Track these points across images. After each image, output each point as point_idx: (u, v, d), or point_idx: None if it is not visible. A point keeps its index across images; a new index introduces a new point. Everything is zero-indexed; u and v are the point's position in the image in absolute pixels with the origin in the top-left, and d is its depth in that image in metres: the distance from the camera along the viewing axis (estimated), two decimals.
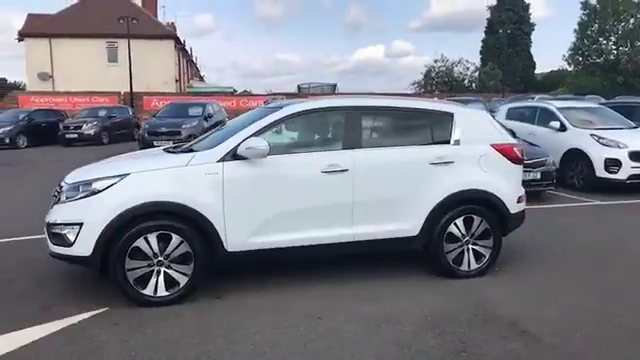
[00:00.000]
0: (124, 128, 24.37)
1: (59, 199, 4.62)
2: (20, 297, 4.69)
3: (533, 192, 9.54)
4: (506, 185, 5.32)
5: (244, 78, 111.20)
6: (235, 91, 41.30)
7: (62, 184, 4.72)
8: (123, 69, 31.30)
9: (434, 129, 5.31)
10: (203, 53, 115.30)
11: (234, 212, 4.57)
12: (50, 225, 4.56)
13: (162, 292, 4.48)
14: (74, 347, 3.72)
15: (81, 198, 4.46)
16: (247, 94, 40.43)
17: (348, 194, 4.83)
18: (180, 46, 39.97)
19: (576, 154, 10.75)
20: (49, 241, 4.60)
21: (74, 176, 4.77)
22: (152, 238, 4.41)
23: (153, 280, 4.46)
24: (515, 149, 5.45)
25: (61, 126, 23.82)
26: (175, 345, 3.75)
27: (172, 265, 4.49)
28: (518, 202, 5.44)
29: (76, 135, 23.10)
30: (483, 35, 53.86)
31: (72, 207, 4.47)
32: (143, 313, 4.31)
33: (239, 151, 4.58)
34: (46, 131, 23.92)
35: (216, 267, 4.75)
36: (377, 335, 3.91)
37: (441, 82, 47.28)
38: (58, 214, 4.53)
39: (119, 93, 32.05)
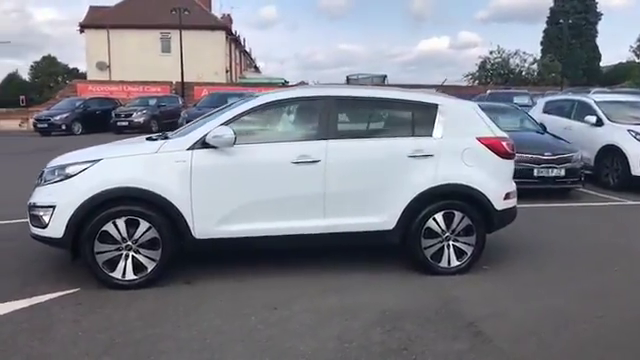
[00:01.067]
0: (173, 117, 25.00)
1: (39, 182, 4.80)
2: (8, 274, 4.90)
3: (558, 189, 9.19)
4: (491, 180, 5.10)
5: (305, 69, 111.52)
6: (286, 82, 41.56)
7: (44, 169, 4.91)
8: (175, 59, 32.19)
9: (416, 121, 5.16)
10: (266, 45, 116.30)
11: (201, 200, 4.61)
12: (30, 207, 4.76)
13: (130, 276, 4.58)
14: (30, 325, 3.87)
15: (56, 182, 4.62)
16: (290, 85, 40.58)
17: (319, 185, 4.77)
18: (232, 37, 40.64)
19: (611, 150, 10.16)
20: (29, 223, 4.79)
21: (55, 161, 4.94)
22: (120, 223, 4.51)
23: (122, 264, 4.57)
24: (503, 143, 5.21)
25: (113, 114, 24.82)
26: (124, 327, 3.84)
27: (140, 250, 4.58)
28: (506, 198, 5.21)
29: (126, 123, 24.05)
30: (545, 25, 51.82)
31: (47, 190, 4.64)
32: (109, 295, 4.43)
33: (207, 139, 4.61)
34: (100, 118, 25.02)
35: (186, 253, 4.82)
36: (324, 328, 3.86)
37: (496, 74, 45.74)
38: (36, 197, 4.71)
39: (171, 83, 32.97)
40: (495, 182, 5.13)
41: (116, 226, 4.51)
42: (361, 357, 3.44)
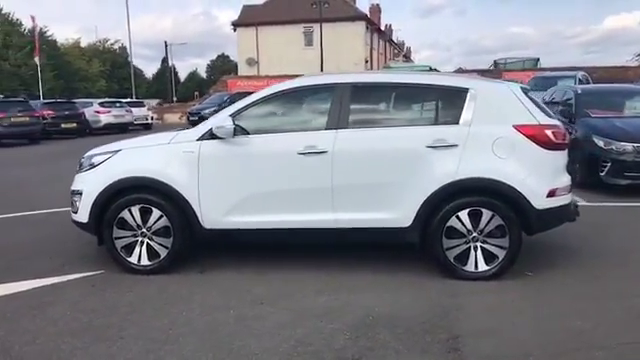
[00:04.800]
0: None
1: (77, 170, 5.19)
2: (50, 254, 5.38)
3: None
4: (530, 174, 4.42)
5: (472, 55, 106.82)
6: (432, 69, 40.30)
7: (81, 158, 5.30)
8: (317, 52, 33.05)
9: (440, 107, 4.65)
10: (431, 32, 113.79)
11: (209, 190, 4.63)
12: (70, 193, 5.17)
13: (145, 261, 4.77)
14: (36, 302, 4.19)
15: (85, 170, 4.97)
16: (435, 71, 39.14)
17: (327, 177, 4.52)
18: (374, 27, 40.49)
19: None
20: (70, 208, 5.22)
21: (91, 151, 5.30)
22: (135, 210, 4.72)
23: (137, 249, 4.78)
24: (548, 131, 4.48)
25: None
26: (109, 310, 3.99)
27: (154, 237, 4.75)
28: (551, 196, 4.48)
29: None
30: None
31: (79, 178, 5.01)
32: (121, 279, 4.65)
33: (213, 130, 4.61)
34: None
35: (200, 243, 4.88)
36: (292, 329, 3.64)
37: None
38: (73, 183, 5.11)
39: None
40: (535, 177, 4.43)
41: (131, 213, 4.72)
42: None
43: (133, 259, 4.78)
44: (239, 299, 4.19)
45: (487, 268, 4.49)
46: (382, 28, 50.01)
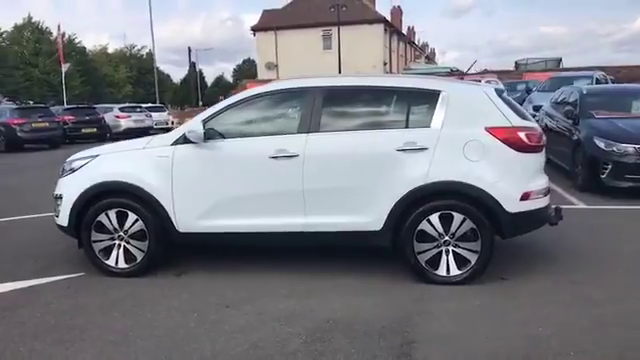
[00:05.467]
0: None
1: (59, 175, 5.29)
2: (37, 257, 5.49)
3: None
4: (502, 177, 4.35)
5: (499, 56, 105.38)
6: (453, 70, 39.96)
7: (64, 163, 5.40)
8: (336, 55, 33.00)
9: (412, 111, 4.60)
10: (458, 33, 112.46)
11: (182, 194, 4.68)
12: (53, 198, 5.28)
13: (122, 264, 4.84)
14: (10, 303, 4.28)
15: (66, 175, 5.07)
16: (460, 73, 38.66)
17: (298, 181, 4.52)
18: (393, 29, 40.31)
19: None
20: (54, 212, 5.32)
21: (72, 156, 5.40)
22: (112, 214, 4.79)
23: (115, 252, 4.85)
24: (521, 133, 4.40)
25: None
26: (76, 313, 4.04)
27: (130, 240, 4.82)
28: (525, 199, 4.40)
29: None
30: None
31: (61, 182, 5.11)
32: (102, 281, 4.72)
33: (186, 135, 4.66)
34: None
35: (174, 246, 4.94)
36: (250, 332, 3.65)
37: None
38: (56, 188, 5.21)
39: None
40: (507, 179, 4.36)
41: (108, 217, 4.80)
42: None
43: (111, 262, 4.85)
44: (206, 302, 4.22)
45: (459, 272, 4.43)
46: (404, 30, 49.90)
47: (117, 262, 4.85)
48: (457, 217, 4.37)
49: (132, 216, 4.76)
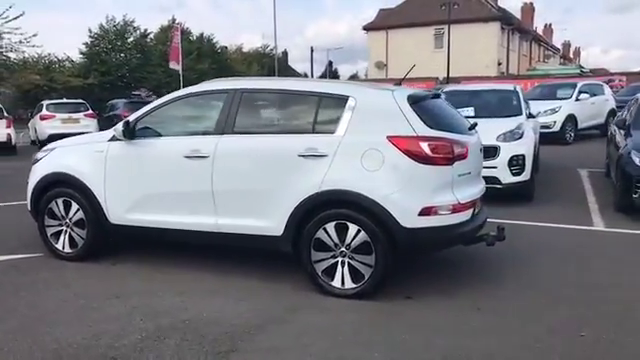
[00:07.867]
0: None
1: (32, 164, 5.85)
2: (11, 238, 6.05)
3: None
4: (399, 189, 4.07)
5: None
6: (584, 71, 36.72)
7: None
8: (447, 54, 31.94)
9: (320, 115, 4.45)
10: (621, 30, 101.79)
11: (113, 188, 4.98)
12: None
13: (67, 249, 5.28)
14: None
15: (33, 164, 5.63)
16: (589, 74, 35.35)
17: (207, 182, 4.60)
18: (512, 27, 37.97)
19: None
20: None
21: (43, 147, 5.92)
22: (60, 202, 5.24)
23: (62, 238, 5.30)
24: (423, 143, 4.08)
25: None
26: (7, 293, 4.48)
27: (74, 228, 5.23)
28: (424, 214, 4.09)
29: None
30: None
31: (30, 171, 5.68)
32: (48, 263, 5.19)
33: (114, 132, 4.96)
34: None
35: (110, 236, 5.26)
36: (108, 323, 3.81)
37: None
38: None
39: (437, 78, 32.82)
40: (405, 192, 4.08)
41: (57, 205, 5.26)
42: (79, 352, 3.39)
43: (59, 246, 5.31)
44: (104, 291, 4.45)
45: (353, 286, 4.23)
46: (539, 29, 46.85)
47: (64, 247, 5.29)
48: (352, 228, 4.18)
49: (75, 205, 5.17)
